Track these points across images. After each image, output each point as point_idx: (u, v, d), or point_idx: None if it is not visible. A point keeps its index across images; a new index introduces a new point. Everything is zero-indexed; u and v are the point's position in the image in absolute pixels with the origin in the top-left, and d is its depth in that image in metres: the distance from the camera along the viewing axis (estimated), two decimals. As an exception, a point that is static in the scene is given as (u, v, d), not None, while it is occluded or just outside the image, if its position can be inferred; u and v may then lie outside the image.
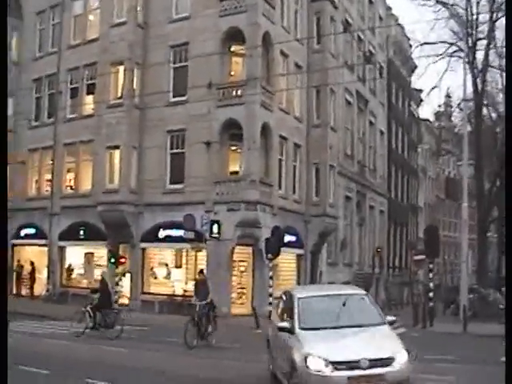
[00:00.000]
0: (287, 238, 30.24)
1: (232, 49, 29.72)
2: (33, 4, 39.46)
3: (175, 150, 30.80)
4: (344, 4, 39.40)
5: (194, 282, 21.66)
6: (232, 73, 30.19)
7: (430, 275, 29.44)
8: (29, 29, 39.70)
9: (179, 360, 16.57)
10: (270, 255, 27.04)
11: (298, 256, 33.64)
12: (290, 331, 10.56)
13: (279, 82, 31.39)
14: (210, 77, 28.59)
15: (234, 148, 29.62)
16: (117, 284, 28.40)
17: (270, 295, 26.92)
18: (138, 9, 32.10)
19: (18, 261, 38.30)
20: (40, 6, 38.90)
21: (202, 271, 21.33)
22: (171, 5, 31.53)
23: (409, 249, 53.27)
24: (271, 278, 27.16)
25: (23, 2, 40.33)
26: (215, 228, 27.10)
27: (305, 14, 34.77)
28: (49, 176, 37.32)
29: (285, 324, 10.88)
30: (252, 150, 28.16)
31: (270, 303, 26.82)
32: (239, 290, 29.49)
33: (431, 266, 29.64)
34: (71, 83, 36.18)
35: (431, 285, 28.79)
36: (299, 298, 11.29)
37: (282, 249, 27.82)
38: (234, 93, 28.57)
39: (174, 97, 30.87)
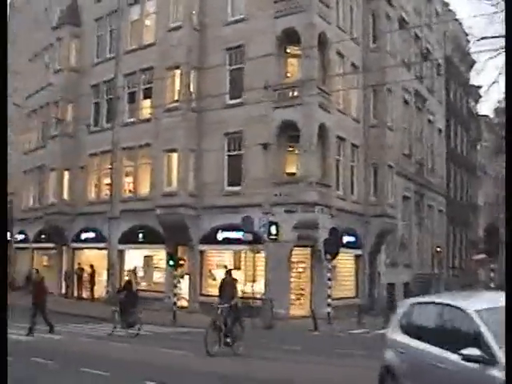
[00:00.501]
0: (346, 239, 30.09)
1: (288, 50, 29.62)
2: (91, 11, 40.25)
3: (233, 153, 30.88)
4: (400, 1, 38.92)
5: (219, 283, 19.82)
6: (288, 74, 30.10)
7: (492, 275, 28.89)
8: (87, 36, 40.53)
9: (238, 363, 16.40)
10: (328, 256, 26.99)
11: (357, 257, 33.38)
12: (487, 362, 6.98)
13: (336, 83, 31.20)
14: (266, 78, 28.53)
15: (291, 149, 29.51)
16: (175, 286, 28.59)
17: (329, 296, 26.84)
18: (194, 12, 32.33)
19: (79, 264, 39.09)
20: (98, 12, 39.67)
21: (229, 272, 19.97)
22: (226, 7, 31.67)
23: (469, 248, 52.36)
24: (330, 279, 27.05)
25: (82, 9, 41.14)
26: (273, 230, 27.08)
27: (360, 13, 34.49)
28: (108, 180, 37.92)
29: (474, 352, 7.09)
30: (309, 151, 28.05)
31: (329, 304, 26.77)
32: (298, 292, 29.36)
33: (492, 265, 29.11)
34: (129, 88, 36.70)
35: (492, 285, 28.29)
36: (479, 311, 7.64)
37: (341, 250, 27.72)
38: (291, 94, 28.47)
39: (230, 99, 30.93)
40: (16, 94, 49.17)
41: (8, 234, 46.70)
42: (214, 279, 31.26)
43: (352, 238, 32.04)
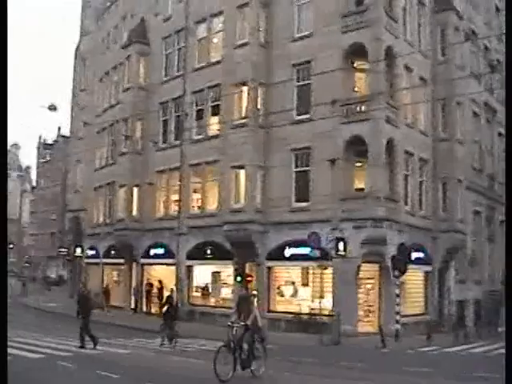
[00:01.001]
0: (414, 255, 29.72)
1: (355, 64, 29.59)
2: (159, 30, 41.18)
3: (300, 168, 30.93)
4: (469, 13, 38.44)
5: (236, 300, 17.95)
6: (355, 89, 30.06)
7: None
8: (155, 54, 41.45)
9: (310, 381, 16.37)
10: (397, 272, 26.75)
11: (426, 273, 32.92)
12: None
13: (403, 97, 31.01)
14: (333, 94, 28.57)
15: (359, 164, 29.39)
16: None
17: (397, 313, 26.57)
18: (260, 29, 32.68)
19: (148, 279, 39.75)
20: (166, 31, 40.56)
21: (244, 286, 18.55)
22: (293, 24, 31.85)
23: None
24: (398, 295, 26.79)
25: (150, 28, 42.13)
26: (341, 246, 26.95)
27: (428, 26, 34.18)
28: (176, 196, 38.46)
29: None
30: (377, 166, 27.90)
31: (398, 321, 26.50)
32: (366, 308, 29.13)
33: None
34: (196, 105, 37.28)
35: None
36: None
37: (409, 266, 27.42)
38: (358, 109, 28.37)
39: (297, 115, 31.05)
40: (85, 112, 50.64)
41: (79, 249, 48.08)
42: (282, 295, 31.43)
43: (421, 254, 31.65)
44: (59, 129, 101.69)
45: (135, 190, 41.18)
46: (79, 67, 54.34)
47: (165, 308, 25.40)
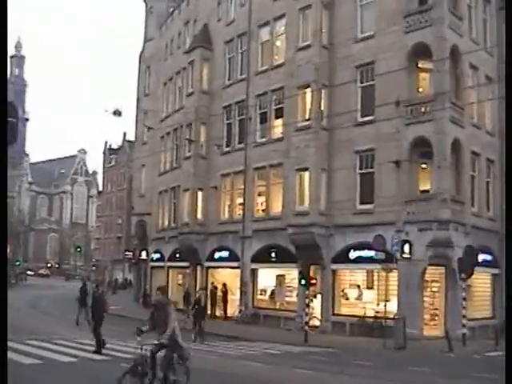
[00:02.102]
0: (481, 257, 29.43)
1: (419, 64, 29.57)
2: (222, 34, 42.00)
3: (364, 171, 31.05)
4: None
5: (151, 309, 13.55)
6: (420, 89, 30.03)
7: None
8: (218, 58, 42.23)
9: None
10: (463, 275, 26.60)
11: (493, 276, 32.53)
12: None
13: (469, 96, 30.81)
14: (397, 94, 28.64)
15: (424, 166, 29.36)
16: (307, 305, 29.03)
17: (464, 317, 26.42)
18: (323, 31, 32.98)
19: (212, 283, 40.37)
20: (228, 35, 41.33)
21: (161, 288, 14.07)
22: (356, 25, 32.03)
23: None
24: (465, 299, 26.65)
25: (213, 33, 42.95)
26: (406, 248, 27.03)
27: (494, 23, 33.83)
28: (240, 200, 39.09)
29: None
30: (443, 167, 27.79)
31: (464, 325, 26.35)
32: (432, 312, 29.03)
33: None
34: (260, 108, 37.85)
35: None
36: None
37: (476, 268, 27.21)
38: (423, 109, 28.29)
39: (361, 116, 31.22)
40: (149, 117, 51.81)
41: (144, 252, 49.20)
42: (347, 298, 31.62)
43: (488, 257, 31.30)
44: (124, 134, 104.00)
45: (199, 193, 42.02)
46: (143, 73, 55.60)
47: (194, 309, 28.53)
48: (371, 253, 27.84)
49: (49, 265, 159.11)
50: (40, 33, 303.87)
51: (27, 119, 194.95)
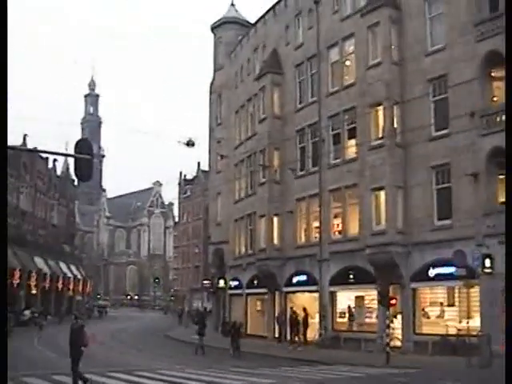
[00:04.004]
0: None
1: (492, 73, 29.26)
2: (291, 58, 42.70)
3: (441, 185, 30.75)
4: None
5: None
6: (494, 98, 29.67)
7: None
8: (289, 82, 42.90)
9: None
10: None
11: None
12: None
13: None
14: (471, 106, 28.40)
15: (502, 177, 28.89)
16: (388, 326, 28.79)
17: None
18: (393, 47, 33.09)
19: (291, 308, 40.40)
20: (297, 58, 42.02)
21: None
22: (426, 38, 31.89)
23: None
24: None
25: (282, 57, 43.61)
26: (487, 263, 26.54)
27: None
28: (316, 223, 39.26)
29: None
30: (522, 177, 27.32)
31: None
32: (516, 328, 28.34)
33: None
34: (332, 129, 38.13)
35: None
36: None
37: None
38: (498, 119, 28.00)
39: (436, 131, 30.97)
40: (222, 145, 52.69)
41: (222, 281, 49.77)
42: (428, 317, 31.22)
43: None
44: (198, 164, 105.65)
45: (275, 219, 42.42)
46: (215, 102, 56.61)
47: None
48: (451, 269, 27.46)
49: (128, 297, 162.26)
50: (110, 66, 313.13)
51: (103, 156, 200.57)
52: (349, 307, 36.41)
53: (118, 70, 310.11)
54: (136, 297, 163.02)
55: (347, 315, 36.43)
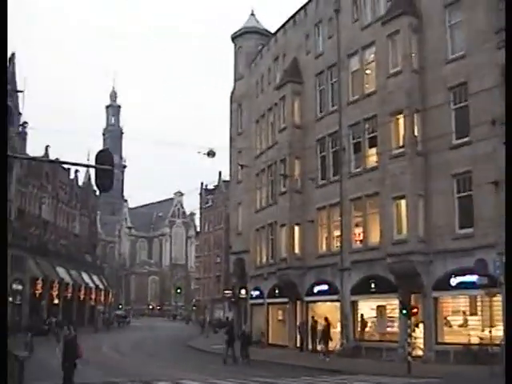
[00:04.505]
0: None
1: (513, 80, 29.18)
2: (311, 67, 42.97)
3: (462, 194, 30.65)
4: None
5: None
6: (516, 106, 29.58)
7: None
8: (309, 91, 43.03)
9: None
10: None
11: None
12: None
13: None
14: (492, 113, 28.27)
15: (524, 184, 28.77)
16: (409, 335, 28.73)
17: None
18: (413, 55, 33.10)
19: (313, 317, 40.48)
20: (318, 67, 42.23)
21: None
22: (446, 46, 31.88)
23: None
24: None
25: (302, 67, 43.85)
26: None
27: None
28: (337, 232, 39.29)
29: None
30: (545, 185, 27.18)
31: None
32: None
33: None
34: (353, 138, 38.17)
35: None
36: None
37: None
38: (520, 126, 27.90)
39: (456, 139, 30.90)
40: (243, 155, 52.88)
41: (243, 290, 49.89)
42: (450, 326, 31.09)
43: None
44: (220, 174, 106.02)
45: (296, 228, 42.49)
46: (235, 112, 56.87)
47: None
48: (473, 278, 27.39)
49: (150, 306, 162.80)
50: (130, 81, 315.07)
51: (125, 166, 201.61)
52: (362, 316, 36.62)
53: (137, 85, 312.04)
54: (158, 307, 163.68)
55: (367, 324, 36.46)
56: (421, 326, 31.47)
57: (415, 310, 29.53)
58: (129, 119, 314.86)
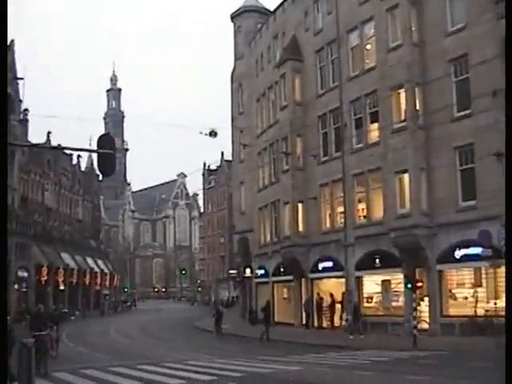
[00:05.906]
0: None
1: (514, 50, 29.05)
2: (311, 44, 42.79)
3: (464, 166, 30.66)
4: None
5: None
6: (517, 76, 29.46)
7: None
8: (309, 68, 42.89)
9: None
10: None
11: None
12: None
13: None
14: (493, 85, 28.15)
15: (527, 155, 28.71)
16: (415, 309, 28.86)
17: None
18: (412, 28, 32.97)
19: (318, 294, 40.69)
20: (317, 44, 42.07)
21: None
22: (445, 18, 31.73)
23: None
24: None
25: (302, 44, 43.67)
26: (513, 242, 26.49)
27: None
28: (341, 208, 39.33)
29: None
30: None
31: None
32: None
33: None
34: (354, 114, 38.13)
35: None
36: None
37: None
38: (522, 97, 27.82)
39: (458, 111, 30.86)
40: (244, 134, 52.83)
41: (248, 269, 50.03)
42: (455, 299, 31.20)
43: None
44: (222, 154, 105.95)
45: (299, 205, 42.53)
46: (236, 91, 56.74)
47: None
48: (477, 250, 27.46)
49: (155, 289, 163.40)
50: (132, 63, 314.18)
51: (127, 149, 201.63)
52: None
53: (138, 66, 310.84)
54: (163, 289, 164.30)
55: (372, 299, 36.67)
56: (426, 299, 31.63)
57: (420, 284, 29.63)
58: (130, 105, 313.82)
